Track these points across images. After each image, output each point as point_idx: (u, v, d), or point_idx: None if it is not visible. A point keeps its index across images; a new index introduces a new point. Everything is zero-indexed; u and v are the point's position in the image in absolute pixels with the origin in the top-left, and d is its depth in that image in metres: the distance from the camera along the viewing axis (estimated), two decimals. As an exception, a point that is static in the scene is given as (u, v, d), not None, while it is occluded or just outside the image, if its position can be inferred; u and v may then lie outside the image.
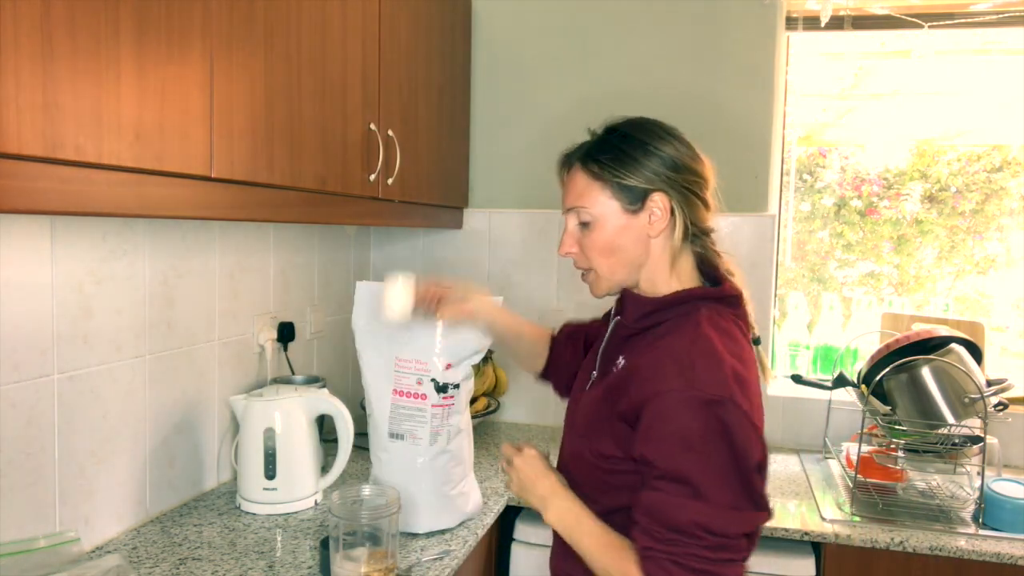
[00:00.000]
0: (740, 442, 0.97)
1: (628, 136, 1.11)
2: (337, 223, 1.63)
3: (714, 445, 0.97)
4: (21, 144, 0.82)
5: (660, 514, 0.98)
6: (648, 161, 1.08)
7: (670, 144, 1.10)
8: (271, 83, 1.27)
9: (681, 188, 1.09)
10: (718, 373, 1.00)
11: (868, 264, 2.39)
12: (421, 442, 1.43)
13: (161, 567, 1.32)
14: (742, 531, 0.99)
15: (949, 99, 2.24)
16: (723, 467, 0.97)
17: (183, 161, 1.07)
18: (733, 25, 2.17)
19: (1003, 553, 1.52)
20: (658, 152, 1.09)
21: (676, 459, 0.98)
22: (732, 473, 0.97)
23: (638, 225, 1.09)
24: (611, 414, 1.08)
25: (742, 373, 1.02)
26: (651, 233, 1.10)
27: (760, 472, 1.01)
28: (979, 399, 1.71)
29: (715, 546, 0.97)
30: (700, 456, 0.97)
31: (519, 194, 2.34)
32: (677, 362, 1.02)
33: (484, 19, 2.33)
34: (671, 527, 0.97)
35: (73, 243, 1.31)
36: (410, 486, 1.44)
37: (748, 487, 0.99)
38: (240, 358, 1.79)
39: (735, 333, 1.10)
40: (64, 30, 0.86)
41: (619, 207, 1.09)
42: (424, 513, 1.47)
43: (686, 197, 1.10)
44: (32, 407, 1.25)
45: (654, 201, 1.08)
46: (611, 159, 1.09)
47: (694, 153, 1.12)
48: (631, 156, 1.09)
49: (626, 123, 1.14)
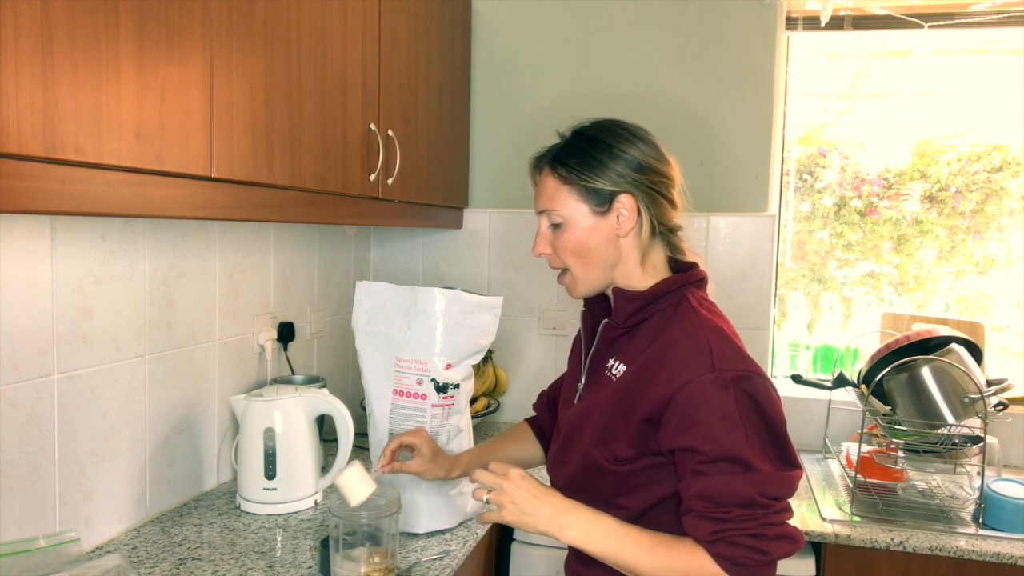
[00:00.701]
0: (769, 409, 1.03)
1: (594, 139, 1.13)
2: (337, 223, 1.63)
3: (750, 418, 1.01)
4: (21, 144, 0.82)
5: (722, 496, 1.00)
6: (614, 164, 1.11)
7: (635, 146, 1.12)
8: (271, 83, 1.27)
9: (646, 189, 1.12)
10: (733, 349, 1.06)
11: (868, 264, 2.39)
12: None
13: (161, 567, 1.32)
14: (792, 492, 1.03)
15: (949, 99, 2.24)
16: (762, 436, 1.01)
17: (183, 161, 1.07)
18: (733, 25, 2.17)
19: (1003, 553, 1.52)
20: (623, 154, 1.11)
21: (723, 440, 1.00)
22: (769, 440, 1.02)
23: (607, 226, 1.12)
24: (628, 417, 1.08)
25: (742, 347, 1.09)
26: (620, 233, 1.13)
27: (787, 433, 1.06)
28: (979, 399, 1.71)
29: (779, 510, 1.02)
30: (743, 432, 1.00)
31: (519, 194, 2.34)
32: (695, 349, 1.04)
33: (484, 19, 2.33)
34: (739, 503, 0.99)
35: (73, 243, 1.32)
36: (410, 486, 1.44)
37: (785, 450, 1.03)
38: (240, 358, 1.79)
39: (720, 312, 1.16)
40: (64, 30, 0.86)
41: (588, 209, 1.12)
42: (424, 513, 1.47)
43: (652, 197, 1.12)
44: (32, 407, 1.25)
45: (621, 203, 1.11)
46: (578, 163, 1.12)
47: (660, 154, 1.14)
48: (597, 159, 1.11)
49: (593, 125, 1.16)
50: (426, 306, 1.40)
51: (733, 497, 0.99)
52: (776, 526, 1.00)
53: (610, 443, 1.10)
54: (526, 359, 2.36)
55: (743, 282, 2.20)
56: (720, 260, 2.20)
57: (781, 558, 1.01)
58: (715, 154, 2.20)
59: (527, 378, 2.37)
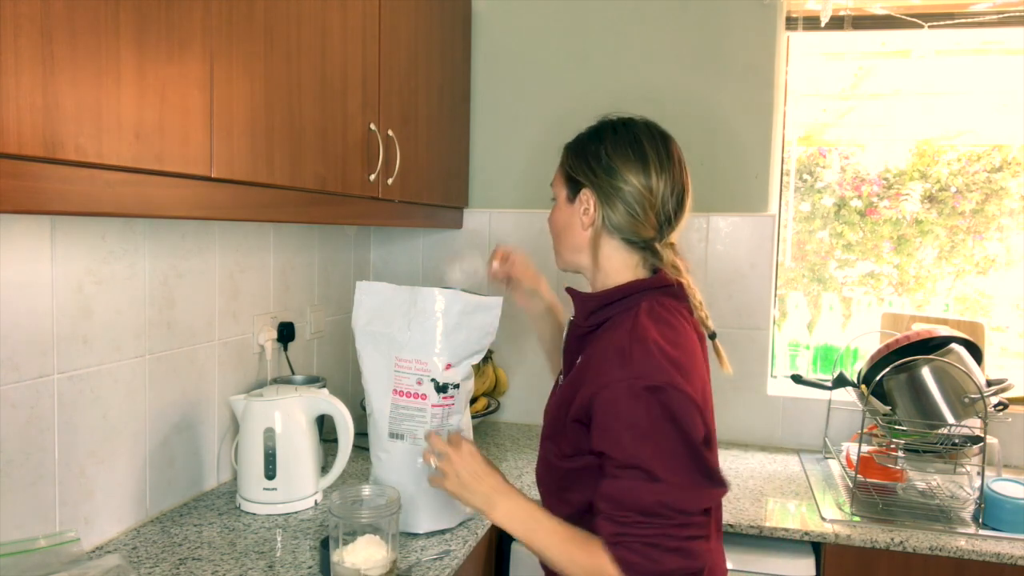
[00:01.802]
0: (685, 422, 1.01)
1: (596, 132, 1.19)
2: (337, 223, 1.63)
3: (662, 429, 1.01)
4: (21, 144, 0.82)
5: (624, 500, 1.01)
6: (591, 160, 1.16)
7: (622, 150, 1.14)
8: (271, 83, 1.27)
9: (608, 191, 1.14)
10: (654, 359, 1.03)
11: (868, 264, 2.39)
12: (421, 442, 1.43)
13: (161, 567, 1.32)
14: (702, 507, 1.03)
15: (949, 99, 2.24)
16: (674, 448, 1.01)
17: (183, 161, 1.07)
18: (733, 25, 2.17)
19: (1003, 553, 1.52)
20: (603, 155, 1.15)
21: (630, 447, 1.01)
22: (684, 453, 1.01)
23: (575, 214, 1.18)
24: (567, 415, 1.12)
25: (677, 358, 1.05)
26: (583, 225, 1.17)
27: (708, 448, 1.05)
28: (979, 399, 1.71)
29: (681, 524, 1.00)
30: (652, 441, 1.01)
31: (519, 194, 2.34)
32: (617, 353, 1.05)
33: (484, 19, 2.33)
34: (639, 511, 1.00)
35: (73, 243, 1.32)
36: (410, 486, 1.44)
37: (700, 464, 1.03)
38: (240, 358, 1.79)
39: (674, 321, 1.12)
40: (64, 30, 0.86)
41: (565, 194, 1.21)
42: (424, 513, 1.47)
43: (612, 202, 1.14)
44: (32, 407, 1.25)
45: (584, 195, 1.16)
46: (573, 150, 1.21)
47: (647, 169, 1.14)
48: (583, 152, 1.18)
49: (607, 121, 1.20)
50: (426, 306, 1.40)
51: (634, 503, 1.00)
52: (675, 539, 1.00)
53: (556, 439, 1.15)
54: (526, 359, 2.36)
55: (743, 282, 2.20)
56: (720, 260, 2.20)
57: (673, 572, 1.00)
58: (715, 154, 2.20)
59: (527, 378, 2.37)
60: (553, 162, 1.26)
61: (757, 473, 1.97)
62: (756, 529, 1.63)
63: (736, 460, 2.08)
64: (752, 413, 2.23)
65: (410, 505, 1.45)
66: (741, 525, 1.64)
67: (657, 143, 1.16)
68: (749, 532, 1.64)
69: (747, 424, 2.23)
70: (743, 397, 2.22)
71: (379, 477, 1.49)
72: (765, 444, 2.23)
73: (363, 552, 1.21)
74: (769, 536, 1.63)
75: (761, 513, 1.70)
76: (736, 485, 1.87)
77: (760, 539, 1.66)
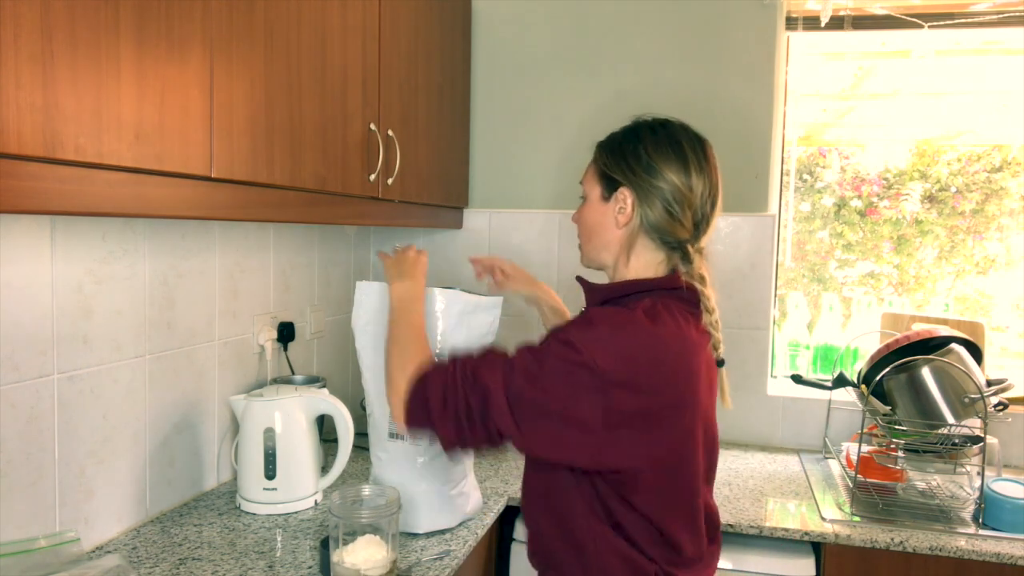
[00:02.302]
0: (554, 375, 1.04)
1: (632, 131, 1.20)
2: (337, 223, 1.63)
3: (553, 368, 1.05)
4: (21, 144, 0.82)
5: (483, 361, 1.09)
6: (630, 159, 1.17)
7: (661, 152, 1.16)
8: (271, 83, 1.27)
9: (648, 191, 1.16)
10: (604, 338, 1.05)
11: (868, 264, 2.39)
12: (421, 442, 1.43)
13: (161, 567, 1.32)
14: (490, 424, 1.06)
15: (949, 99, 2.24)
16: (529, 371, 1.05)
17: (183, 161, 1.07)
18: (733, 25, 2.17)
19: (1003, 553, 1.52)
20: (643, 155, 1.16)
21: (528, 351, 1.08)
22: (528, 381, 1.05)
23: (608, 212, 1.20)
24: None
25: (634, 357, 1.05)
26: (617, 224, 1.19)
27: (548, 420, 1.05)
28: (979, 399, 1.71)
29: (481, 400, 1.06)
30: (538, 356, 1.06)
31: (519, 194, 2.34)
32: (584, 319, 1.11)
33: (484, 19, 2.33)
34: (472, 369, 1.08)
35: (73, 243, 1.32)
36: (410, 486, 1.44)
37: (530, 413, 1.05)
38: (240, 358, 1.79)
39: (672, 323, 1.10)
40: (64, 30, 0.86)
41: (599, 192, 1.21)
42: (424, 513, 1.47)
43: (652, 202, 1.16)
44: (32, 407, 1.25)
45: (621, 194, 1.17)
46: (607, 148, 1.22)
47: (686, 169, 1.16)
48: (621, 151, 1.19)
49: (643, 120, 1.22)
50: (426, 306, 1.40)
51: (475, 365, 1.08)
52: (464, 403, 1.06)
53: None
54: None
55: (743, 282, 2.20)
56: (720, 260, 2.20)
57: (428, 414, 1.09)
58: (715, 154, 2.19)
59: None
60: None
61: (757, 473, 1.97)
62: (756, 529, 1.63)
63: (736, 460, 2.08)
64: (752, 413, 2.23)
65: (410, 505, 1.45)
66: (741, 525, 1.64)
67: (695, 144, 1.18)
68: (749, 532, 1.64)
69: (747, 424, 2.23)
70: (743, 397, 2.22)
71: (379, 477, 1.49)
72: (765, 444, 2.23)
73: (363, 552, 1.21)
74: (769, 536, 1.63)
75: (761, 513, 1.70)
76: (736, 485, 1.87)
77: (760, 539, 1.66)
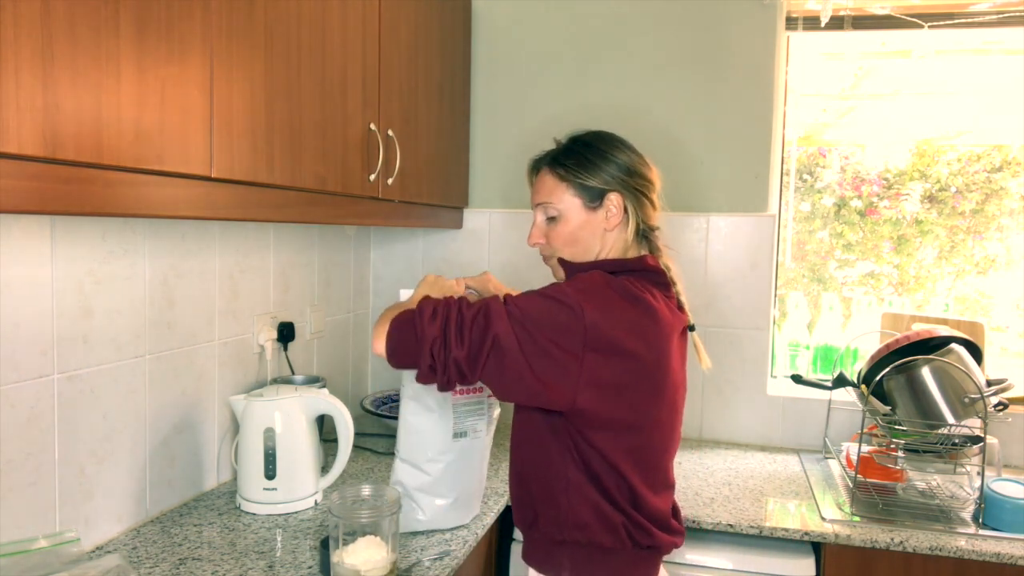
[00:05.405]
0: (545, 319, 1.14)
1: (589, 144, 1.31)
2: (337, 223, 1.63)
3: (538, 298, 1.17)
4: (21, 144, 0.82)
5: (473, 308, 1.16)
6: (606, 166, 1.28)
7: (624, 152, 1.30)
8: (271, 83, 1.27)
9: (633, 190, 1.29)
10: (586, 291, 1.18)
11: (868, 264, 2.39)
12: (480, 434, 1.49)
13: (161, 567, 1.32)
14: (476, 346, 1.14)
15: (949, 99, 2.24)
16: (525, 315, 1.15)
17: (183, 161, 1.07)
18: (733, 25, 2.17)
19: (1003, 553, 1.52)
20: (615, 159, 1.29)
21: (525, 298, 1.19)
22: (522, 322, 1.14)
23: (596, 220, 1.29)
24: None
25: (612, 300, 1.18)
26: (607, 227, 1.29)
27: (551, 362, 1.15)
28: (979, 399, 1.71)
29: (461, 325, 1.15)
30: (529, 297, 1.18)
31: (519, 194, 2.34)
32: (554, 286, 1.22)
33: (484, 19, 2.33)
34: (471, 303, 1.17)
35: (73, 243, 1.31)
36: (472, 482, 1.50)
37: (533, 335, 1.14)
38: (240, 358, 1.79)
39: (643, 296, 1.21)
40: (64, 30, 0.86)
41: (581, 204, 1.29)
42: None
43: (637, 198, 1.30)
44: (32, 407, 1.25)
45: (611, 200, 1.28)
46: (575, 163, 1.29)
47: (644, 161, 1.33)
48: (592, 161, 1.29)
49: (587, 133, 1.34)
50: None
51: (466, 309, 1.16)
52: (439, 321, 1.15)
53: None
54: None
55: (743, 282, 2.20)
56: (720, 260, 2.20)
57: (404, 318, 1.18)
58: (715, 154, 2.20)
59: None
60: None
61: (757, 473, 1.97)
62: (756, 529, 1.63)
63: (736, 460, 2.08)
64: (752, 413, 2.23)
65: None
66: (741, 525, 1.64)
67: (628, 142, 1.34)
68: (749, 532, 1.64)
69: (747, 424, 2.23)
70: (743, 397, 2.22)
71: (430, 486, 1.46)
72: (765, 444, 2.23)
73: (363, 552, 1.21)
74: (769, 536, 1.63)
75: (761, 513, 1.70)
76: (736, 485, 1.87)
77: (760, 539, 1.66)
